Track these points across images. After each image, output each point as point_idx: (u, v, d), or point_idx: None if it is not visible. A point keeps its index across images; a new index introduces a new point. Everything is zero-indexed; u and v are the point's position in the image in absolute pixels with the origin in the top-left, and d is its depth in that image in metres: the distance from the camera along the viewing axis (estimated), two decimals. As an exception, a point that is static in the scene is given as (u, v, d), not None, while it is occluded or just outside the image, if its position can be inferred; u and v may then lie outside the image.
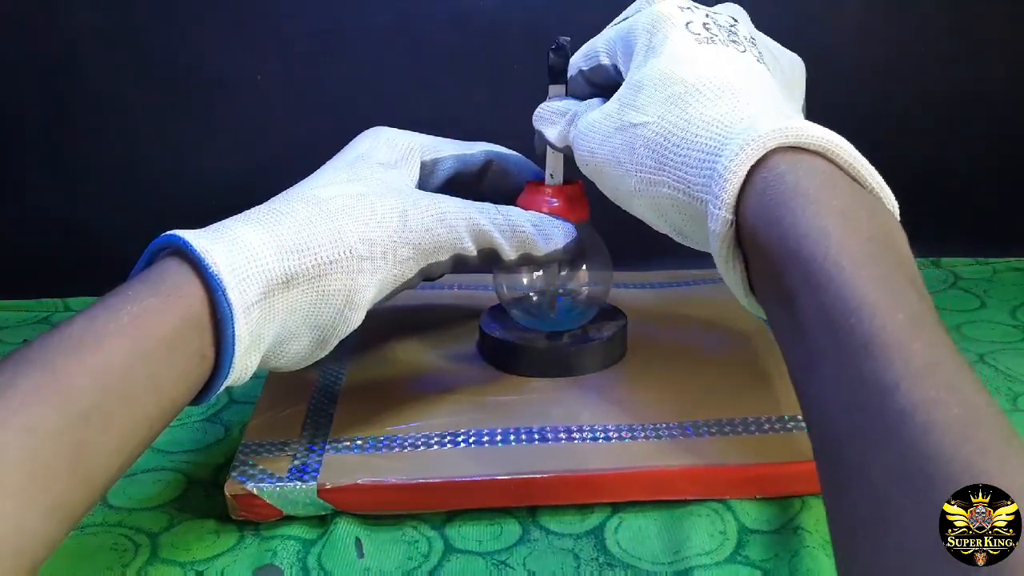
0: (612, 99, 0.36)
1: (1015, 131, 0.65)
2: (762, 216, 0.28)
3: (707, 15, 0.36)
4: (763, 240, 0.28)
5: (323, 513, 0.37)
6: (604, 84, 0.39)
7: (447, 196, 0.39)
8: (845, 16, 0.61)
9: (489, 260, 0.40)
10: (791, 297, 0.26)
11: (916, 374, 0.22)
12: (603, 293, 0.47)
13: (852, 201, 0.27)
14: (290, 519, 0.37)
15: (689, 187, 0.31)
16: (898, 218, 0.29)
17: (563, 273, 0.45)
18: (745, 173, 0.29)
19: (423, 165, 0.42)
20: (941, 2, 0.61)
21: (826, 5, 0.61)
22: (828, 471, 0.24)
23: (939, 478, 0.20)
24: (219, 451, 0.44)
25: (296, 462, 0.38)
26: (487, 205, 0.39)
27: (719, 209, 0.29)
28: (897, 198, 0.29)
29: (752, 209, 0.28)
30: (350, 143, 0.42)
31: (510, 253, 0.40)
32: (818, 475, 0.25)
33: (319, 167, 0.40)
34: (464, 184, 0.44)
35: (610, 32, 0.38)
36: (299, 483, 0.37)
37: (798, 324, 0.26)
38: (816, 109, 0.37)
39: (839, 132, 0.29)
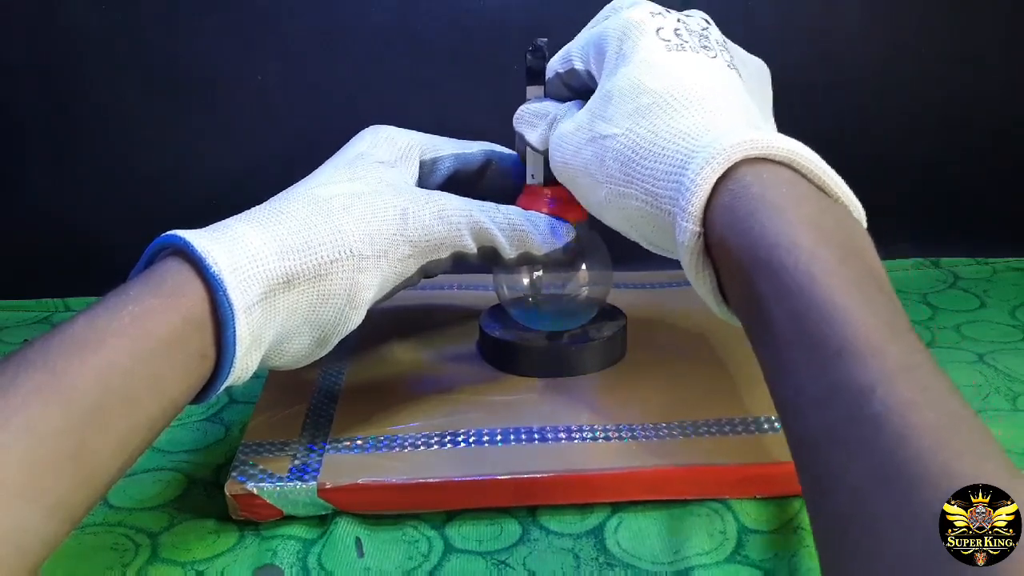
0: (584, 109, 0.37)
1: (1015, 131, 0.65)
2: (730, 227, 0.28)
3: (678, 20, 0.35)
4: (732, 251, 0.28)
5: (323, 513, 0.37)
6: (579, 88, 0.39)
7: (447, 194, 0.39)
8: (845, 16, 0.61)
9: (489, 258, 0.40)
10: (763, 305, 0.26)
11: (891, 378, 0.22)
12: (603, 293, 0.47)
13: (819, 210, 0.27)
14: (290, 519, 0.37)
15: (657, 200, 0.31)
16: (865, 226, 0.29)
17: (566, 272, 0.45)
18: (711, 186, 0.29)
19: (422, 164, 0.42)
20: (941, 2, 0.61)
21: (826, 5, 0.61)
22: (807, 476, 0.24)
23: (917, 481, 0.20)
24: (219, 451, 0.44)
25: (296, 462, 0.38)
26: (487, 203, 0.39)
27: (686, 222, 0.29)
28: (897, 198, 0.29)
29: (719, 221, 0.28)
30: (349, 142, 0.42)
31: (510, 252, 0.40)
32: (798, 479, 0.25)
33: (319, 166, 0.40)
34: (463, 183, 0.44)
35: (583, 37, 0.38)
36: (299, 483, 0.37)
37: (771, 331, 0.26)
38: (816, 109, 0.37)
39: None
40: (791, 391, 0.25)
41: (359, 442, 0.40)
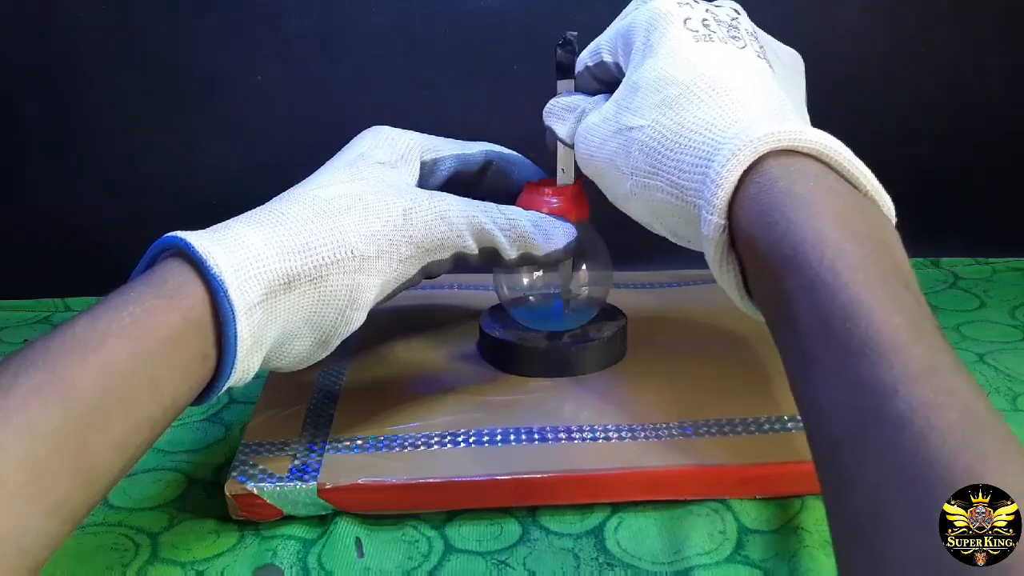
0: (610, 100, 0.36)
1: (1015, 131, 0.65)
2: (755, 221, 0.28)
3: (707, 10, 0.35)
4: (757, 244, 0.27)
5: (323, 513, 0.37)
6: (608, 81, 0.39)
7: (448, 194, 0.39)
8: (844, 15, 0.61)
9: (490, 259, 0.40)
10: (787, 301, 0.26)
11: (914, 378, 0.22)
12: (603, 293, 0.47)
13: (847, 204, 0.27)
14: (290, 519, 0.37)
15: (683, 192, 0.31)
16: (894, 221, 0.29)
17: (567, 273, 0.45)
18: (737, 178, 0.28)
19: (423, 165, 0.42)
20: (941, 2, 0.61)
21: (825, 5, 0.61)
22: (827, 474, 0.24)
23: (938, 483, 0.20)
24: (219, 451, 0.44)
25: (296, 462, 0.38)
26: (488, 204, 0.39)
27: (712, 215, 0.29)
28: (897, 198, 0.29)
29: (745, 214, 0.28)
30: (350, 142, 0.42)
31: (511, 252, 0.40)
32: (817, 477, 0.25)
33: (319, 167, 0.40)
34: (464, 184, 0.44)
35: (612, 29, 0.38)
36: (299, 483, 0.37)
37: (795, 327, 0.26)
38: (815, 109, 0.37)
39: (838, 132, 0.29)
40: (813, 388, 0.25)
41: (359, 442, 0.40)
